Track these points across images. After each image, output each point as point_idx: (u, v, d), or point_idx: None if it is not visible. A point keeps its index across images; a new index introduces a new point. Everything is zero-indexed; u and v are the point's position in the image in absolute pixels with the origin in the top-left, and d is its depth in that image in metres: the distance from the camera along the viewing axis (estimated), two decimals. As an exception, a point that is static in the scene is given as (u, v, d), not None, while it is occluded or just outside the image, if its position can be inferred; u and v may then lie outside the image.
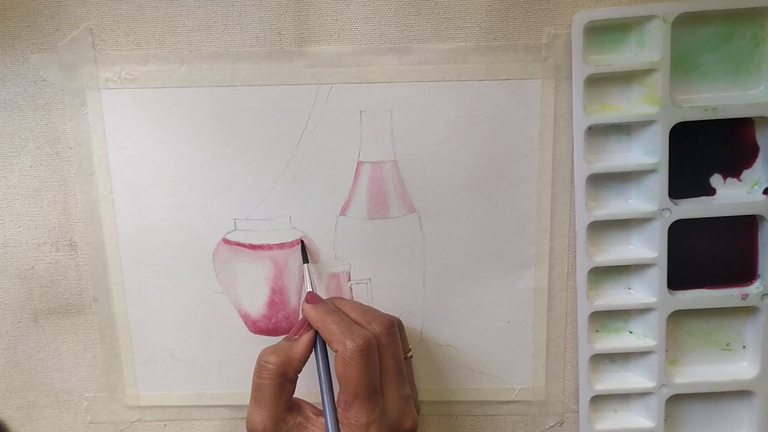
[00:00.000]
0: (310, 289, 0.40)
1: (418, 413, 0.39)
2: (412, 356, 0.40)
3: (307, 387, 0.38)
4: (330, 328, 0.36)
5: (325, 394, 0.36)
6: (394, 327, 0.37)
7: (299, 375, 0.37)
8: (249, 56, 0.40)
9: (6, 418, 0.45)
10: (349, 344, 0.34)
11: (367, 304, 0.43)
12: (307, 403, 0.38)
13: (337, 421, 0.35)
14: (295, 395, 0.37)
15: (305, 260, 0.41)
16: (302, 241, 0.41)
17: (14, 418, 0.45)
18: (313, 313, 0.38)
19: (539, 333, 0.43)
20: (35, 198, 0.42)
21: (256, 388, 0.36)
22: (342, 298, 0.42)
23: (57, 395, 0.45)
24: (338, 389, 0.35)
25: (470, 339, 0.43)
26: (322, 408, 0.36)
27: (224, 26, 0.39)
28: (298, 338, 0.37)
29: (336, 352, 0.35)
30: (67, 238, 0.42)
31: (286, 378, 0.36)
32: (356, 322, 0.37)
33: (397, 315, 0.42)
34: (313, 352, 0.38)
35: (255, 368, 0.36)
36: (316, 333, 0.37)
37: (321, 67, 0.40)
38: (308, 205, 0.41)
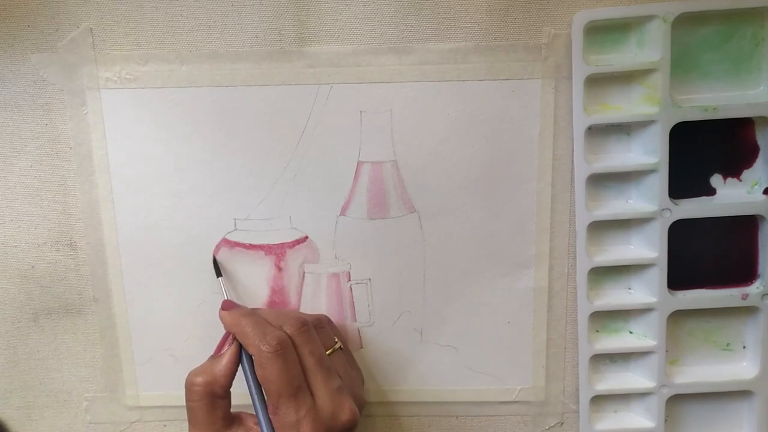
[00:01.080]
0: (223, 290, 0.40)
1: (363, 404, 0.39)
2: (341, 347, 0.40)
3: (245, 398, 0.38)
4: (245, 331, 0.36)
5: (255, 400, 0.36)
6: (307, 325, 0.37)
7: (231, 390, 0.37)
8: (249, 56, 0.40)
9: (6, 418, 0.45)
10: (263, 347, 0.35)
11: (365, 304, 0.43)
12: (248, 414, 0.38)
13: (271, 424, 0.35)
14: (235, 407, 0.37)
15: (219, 274, 0.41)
16: (214, 257, 0.42)
17: (14, 418, 0.45)
18: (228, 318, 0.38)
19: (539, 333, 0.43)
20: (35, 198, 0.42)
21: (190, 412, 0.36)
22: (259, 308, 0.41)
23: (57, 395, 0.45)
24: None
25: (470, 339, 0.43)
26: (255, 415, 0.36)
27: (224, 26, 0.39)
28: (222, 355, 0.37)
29: (252, 355, 0.35)
30: (67, 238, 0.42)
31: (216, 396, 0.36)
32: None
33: (396, 315, 0.42)
34: (241, 364, 0.37)
35: (185, 391, 0.37)
36: (240, 345, 0.37)
37: (321, 67, 0.40)
38: (308, 205, 0.41)
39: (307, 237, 0.42)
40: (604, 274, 0.42)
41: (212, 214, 0.42)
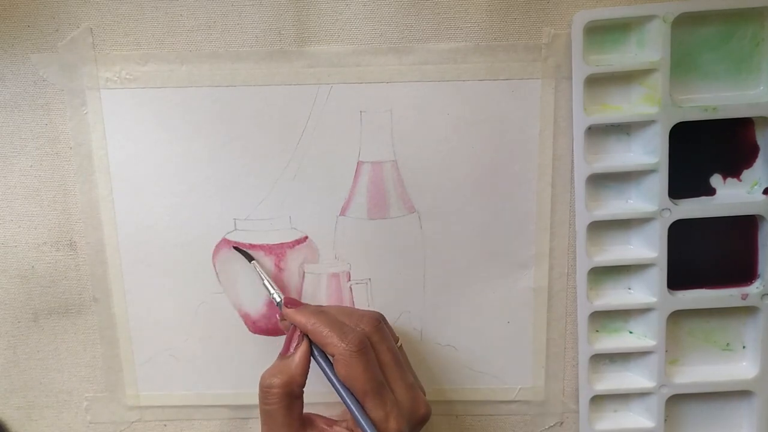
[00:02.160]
0: (266, 284, 0.40)
1: (425, 395, 0.39)
2: (401, 345, 0.40)
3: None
4: (321, 331, 0.36)
5: (346, 398, 0.35)
6: (382, 321, 0.37)
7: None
8: (249, 56, 0.40)
9: (6, 418, 0.45)
10: (347, 346, 0.34)
11: (365, 304, 0.43)
12: (317, 415, 0.37)
13: (367, 415, 0.34)
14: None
15: (250, 259, 0.41)
16: (234, 247, 0.41)
17: (14, 418, 0.45)
18: (299, 317, 0.37)
19: (539, 333, 0.43)
20: (35, 198, 0.42)
21: (267, 415, 0.35)
22: (321, 306, 0.41)
23: (57, 395, 0.45)
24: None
25: (470, 339, 0.43)
26: (349, 412, 0.35)
27: (224, 26, 0.39)
28: (293, 353, 0.37)
29: (333, 355, 0.35)
30: (67, 238, 0.42)
31: (293, 397, 0.36)
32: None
33: (396, 315, 0.42)
34: (315, 364, 0.37)
35: (259, 395, 0.36)
36: (310, 343, 0.37)
37: (321, 67, 0.40)
38: (308, 205, 0.41)
39: (307, 237, 0.42)
40: (604, 274, 0.42)
41: (212, 214, 0.42)
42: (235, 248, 0.41)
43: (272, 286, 0.40)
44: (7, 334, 0.44)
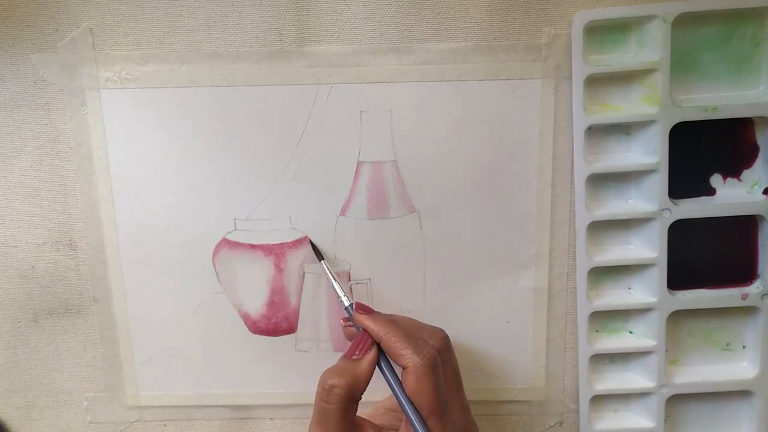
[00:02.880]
0: (336, 286, 0.39)
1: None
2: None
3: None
4: (395, 341, 0.35)
5: (410, 414, 0.34)
6: (449, 340, 0.37)
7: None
8: (249, 56, 0.40)
9: (6, 418, 0.45)
10: (421, 360, 0.33)
11: (366, 303, 0.42)
12: (366, 420, 0.37)
13: (428, 429, 0.34)
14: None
15: (320, 257, 0.41)
16: (311, 241, 0.41)
17: (14, 418, 0.45)
18: (372, 324, 0.36)
19: (539, 333, 0.43)
20: (35, 198, 0.42)
21: (322, 413, 0.34)
22: (393, 315, 0.39)
23: (57, 395, 0.45)
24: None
25: (470, 339, 0.43)
26: (411, 424, 0.34)
27: (224, 26, 0.39)
28: (361, 357, 0.35)
29: (405, 367, 0.34)
30: (67, 238, 0.42)
31: (353, 400, 0.35)
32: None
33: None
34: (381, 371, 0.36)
35: (319, 392, 0.35)
36: (379, 351, 0.36)
37: (321, 67, 0.40)
38: (308, 205, 0.41)
39: (307, 237, 0.42)
40: (604, 274, 0.42)
41: (212, 214, 0.42)
42: (311, 243, 0.41)
43: (341, 288, 0.39)
44: (7, 334, 0.44)
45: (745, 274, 0.42)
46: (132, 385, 0.44)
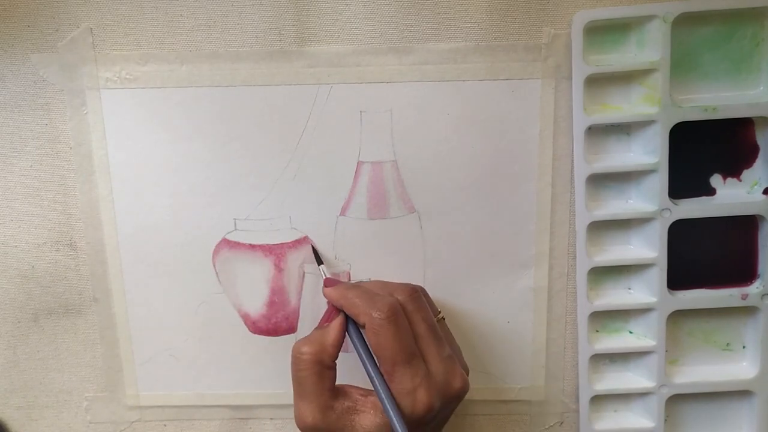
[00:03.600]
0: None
1: (467, 373, 0.38)
2: (443, 318, 0.39)
3: (344, 378, 0.37)
4: (353, 302, 0.36)
5: (369, 370, 0.35)
6: (417, 292, 0.37)
7: (336, 362, 0.36)
8: (249, 56, 0.40)
9: (6, 418, 0.45)
10: (375, 314, 0.34)
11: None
12: (352, 386, 0.37)
13: (390, 392, 0.34)
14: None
15: (320, 262, 0.41)
16: (313, 246, 0.42)
17: (14, 418, 0.45)
18: (333, 293, 0.37)
19: (539, 333, 0.43)
20: (35, 198, 0.42)
21: (297, 382, 0.35)
22: (361, 280, 0.41)
23: (57, 395, 0.45)
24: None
25: (470, 339, 0.43)
26: (372, 385, 0.35)
27: (224, 26, 0.39)
28: (328, 325, 0.37)
29: (364, 325, 0.35)
30: (67, 238, 0.42)
31: (324, 366, 0.35)
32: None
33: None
34: (348, 337, 0.37)
35: (291, 363, 0.36)
36: (346, 317, 0.37)
37: (321, 67, 0.40)
38: (308, 205, 0.41)
39: (307, 237, 0.42)
40: (604, 274, 0.42)
41: (212, 214, 0.42)
42: (313, 247, 0.42)
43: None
44: (7, 334, 0.44)
45: (745, 274, 0.42)
46: (132, 385, 0.44)
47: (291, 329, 0.43)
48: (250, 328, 0.43)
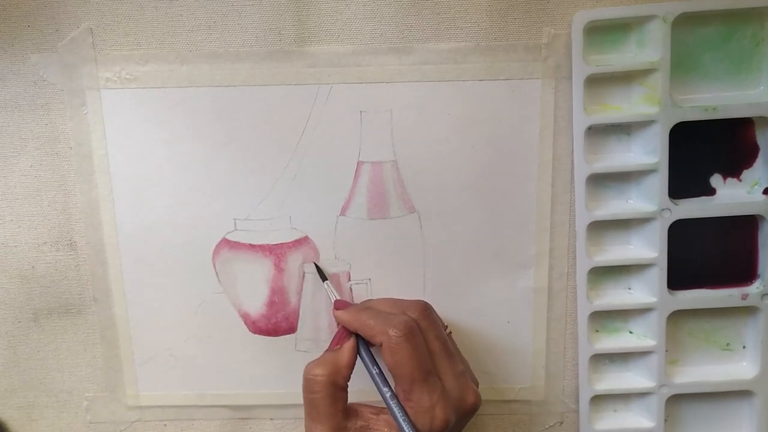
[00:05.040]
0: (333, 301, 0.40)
1: (477, 386, 0.38)
2: (450, 332, 0.40)
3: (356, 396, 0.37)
4: (368, 323, 0.36)
5: (383, 390, 0.35)
6: (429, 309, 0.37)
7: (349, 383, 0.37)
8: (249, 56, 0.40)
9: (6, 418, 0.45)
10: (392, 332, 0.34)
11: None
12: (363, 404, 0.37)
13: (405, 412, 0.34)
14: None
15: (324, 278, 0.41)
16: (316, 264, 0.42)
17: (14, 418, 0.45)
18: (346, 316, 0.38)
19: (539, 333, 0.43)
20: (35, 198, 0.42)
21: (310, 404, 0.35)
22: (369, 299, 0.41)
23: (57, 395, 0.45)
24: (393, 383, 0.35)
25: (470, 339, 0.43)
26: (385, 404, 0.35)
27: (224, 26, 0.39)
28: (340, 347, 0.37)
29: (380, 344, 0.35)
30: (67, 238, 0.42)
31: (337, 387, 0.36)
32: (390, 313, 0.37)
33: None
34: (359, 359, 0.37)
35: (303, 385, 0.36)
36: (358, 337, 0.37)
37: (321, 67, 0.40)
38: (308, 205, 0.41)
39: (307, 237, 0.42)
40: (604, 274, 0.42)
41: (212, 214, 0.42)
42: (316, 265, 0.42)
43: (333, 294, 0.40)
44: (7, 334, 0.44)
45: (745, 274, 0.42)
46: (132, 385, 0.44)
47: (291, 329, 0.43)
48: (250, 328, 0.43)
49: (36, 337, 0.44)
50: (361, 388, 0.38)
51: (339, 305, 0.39)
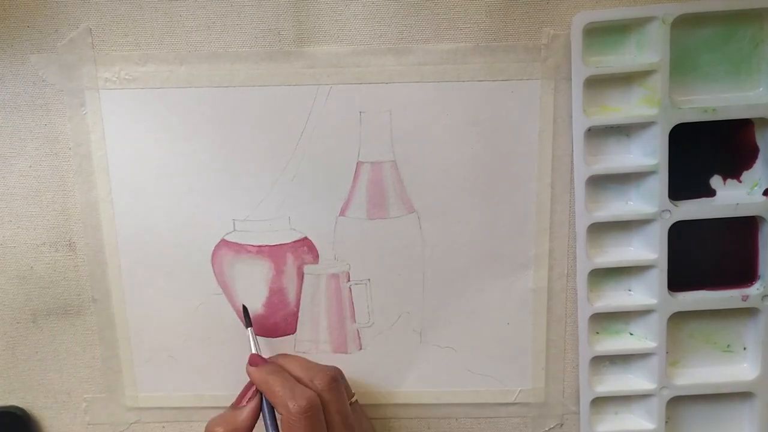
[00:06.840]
0: (254, 351, 0.40)
1: None
2: (356, 401, 0.40)
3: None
4: (274, 390, 0.36)
5: None
6: (337, 381, 0.38)
7: None
8: (249, 56, 0.40)
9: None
10: (293, 406, 0.35)
11: (364, 305, 0.42)
12: None
13: None
14: None
15: (248, 324, 0.41)
16: (244, 306, 0.42)
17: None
18: (256, 375, 0.38)
19: (539, 334, 0.43)
20: (34, 198, 0.42)
21: None
22: (287, 355, 0.42)
23: (56, 396, 0.45)
24: None
25: (470, 340, 0.43)
26: None
27: (224, 26, 0.39)
28: (244, 406, 0.38)
29: (281, 415, 0.36)
30: (66, 239, 0.42)
31: None
32: (299, 380, 0.38)
33: (396, 316, 0.42)
34: (261, 417, 0.38)
35: None
36: (262, 398, 0.38)
37: (321, 67, 0.40)
38: (308, 206, 0.41)
39: (306, 237, 0.42)
40: (604, 275, 0.42)
41: (211, 214, 0.42)
42: (244, 307, 0.42)
43: (256, 346, 0.41)
44: (5, 335, 0.44)
45: (746, 276, 0.42)
46: (131, 386, 0.44)
47: (290, 330, 0.43)
48: (249, 329, 0.43)
49: (34, 337, 0.44)
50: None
51: (253, 361, 0.39)
